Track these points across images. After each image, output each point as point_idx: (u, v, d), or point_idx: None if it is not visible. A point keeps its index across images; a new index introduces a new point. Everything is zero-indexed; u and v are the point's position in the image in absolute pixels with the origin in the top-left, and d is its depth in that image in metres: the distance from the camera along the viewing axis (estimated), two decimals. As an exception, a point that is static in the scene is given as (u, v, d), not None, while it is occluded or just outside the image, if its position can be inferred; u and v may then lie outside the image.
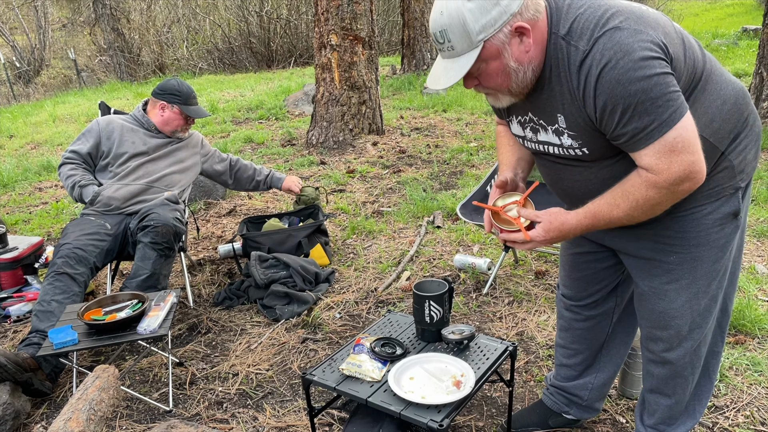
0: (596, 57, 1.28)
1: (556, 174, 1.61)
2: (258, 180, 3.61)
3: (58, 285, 2.68)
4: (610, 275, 1.82)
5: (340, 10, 5.62)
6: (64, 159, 3.10)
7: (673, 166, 1.30)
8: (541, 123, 1.49)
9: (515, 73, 1.38)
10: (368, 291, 3.20)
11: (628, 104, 1.27)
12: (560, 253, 1.92)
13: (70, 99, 12.18)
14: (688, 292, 1.59)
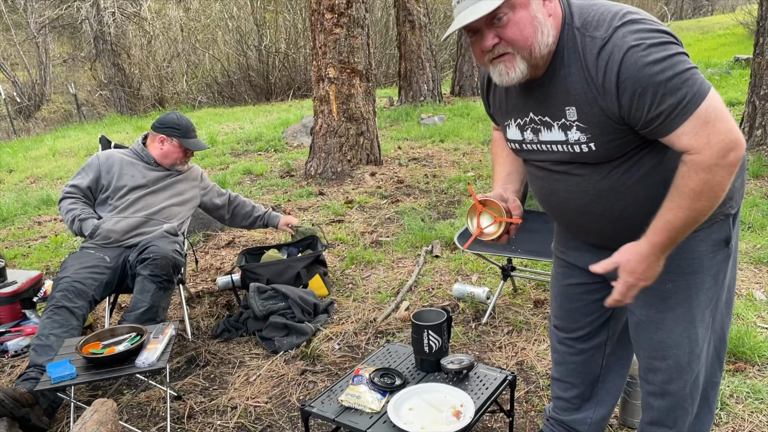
0: (617, 43, 1.30)
1: (550, 186, 1.58)
2: (255, 216, 3.64)
3: (56, 319, 2.67)
4: (601, 307, 1.79)
5: (338, 44, 5.71)
6: (64, 193, 3.13)
7: (713, 137, 1.29)
8: (545, 120, 1.48)
9: (541, 29, 1.36)
10: (367, 321, 3.20)
11: (658, 83, 1.27)
12: (552, 284, 1.90)
13: (70, 133, 12.28)
14: (685, 320, 1.59)
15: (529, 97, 1.50)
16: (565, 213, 1.61)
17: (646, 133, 1.37)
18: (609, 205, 1.50)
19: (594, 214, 1.54)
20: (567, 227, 1.68)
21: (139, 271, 2.88)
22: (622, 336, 1.88)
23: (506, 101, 1.60)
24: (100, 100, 17.53)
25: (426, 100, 10.32)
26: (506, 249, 3.11)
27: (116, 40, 16.63)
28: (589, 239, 1.66)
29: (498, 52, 1.39)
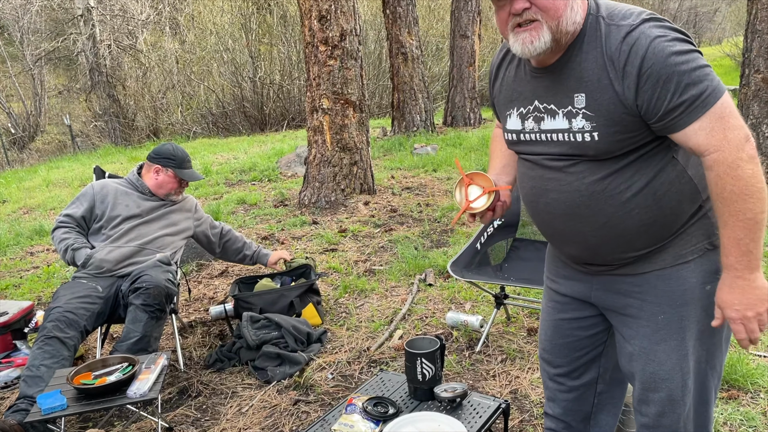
0: (644, 31, 1.33)
1: (541, 185, 1.57)
2: (245, 254, 3.65)
3: (47, 349, 2.66)
4: (592, 344, 1.78)
5: (332, 75, 5.79)
6: (58, 223, 3.14)
7: (729, 133, 1.31)
8: (550, 108, 1.48)
9: (571, 3, 1.38)
10: (360, 350, 3.19)
11: (682, 72, 1.30)
12: (542, 317, 1.87)
13: (64, 164, 12.31)
14: (678, 353, 1.57)
15: (537, 85, 1.51)
16: (552, 218, 1.59)
17: (660, 127, 1.37)
18: (598, 209, 1.48)
19: (581, 218, 1.52)
20: (551, 236, 1.65)
21: (131, 301, 2.88)
22: (614, 374, 1.85)
23: (513, 89, 1.60)
24: (95, 131, 17.61)
25: (419, 131, 10.41)
26: (499, 277, 3.12)
27: (112, 72, 16.78)
28: (573, 250, 1.63)
29: (526, 17, 1.38)
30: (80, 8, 16.19)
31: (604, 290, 1.65)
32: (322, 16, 5.67)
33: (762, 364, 2.79)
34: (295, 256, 4.04)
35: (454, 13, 11.37)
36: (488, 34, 18.84)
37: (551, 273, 1.82)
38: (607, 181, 1.45)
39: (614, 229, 1.49)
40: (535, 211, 1.64)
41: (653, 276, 1.54)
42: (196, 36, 16.96)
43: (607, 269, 1.61)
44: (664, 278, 1.54)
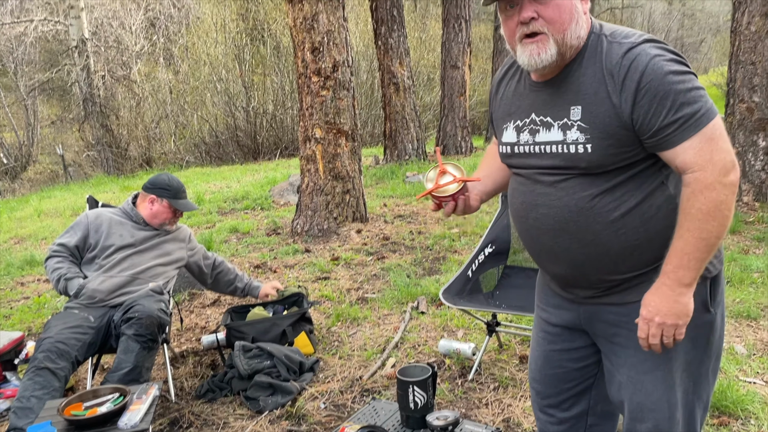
0: (644, 49, 1.39)
1: (531, 200, 1.59)
2: (237, 286, 3.65)
3: (38, 380, 2.64)
4: (582, 376, 1.78)
5: (324, 105, 5.86)
6: (51, 252, 3.14)
7: (715, 155, 1.35)
8: (546, 121, 1.52)
9: (576, 19, 1.45)
10: (353, 379, 3.18)
11: (678, 91, 1.35)
12: (532, 347, 1.87)
13: (56, 193, 12.29)
14: (665, 384, 1.58)
15: (535, 98, 1.56)
16: (540, 233, 1.61)
17: (652, 143, 1.41)
18: (586, 226, 1.51)
19: (569, 234, 1.54)
20: (539, 253, 1.66)
21: (123, 331, 2.87)
22: (605, 407, 1.84)
23: (511, 102, 1.65)
24: (87, 160, 17.63)
25: (411, 159, 10.50)
26: (490, 304, 3.14)
27: (105, 102, 16.86)
28: (559, 269, 1.64)
29: (533, 29, 1.44)
30: (75, 40, 16.35)
31: (592, 319, 1.66)
32: (315, 47, 5.76)
33: (752, 390, 2.81)
34: (288, 285, 4.04)
35: (445, 44, 11.56)
36: (478, 64, 19.14)
37: (541, 302, 1.83)
38: (597, 199, 1.48)
39: (600, 248, 1.51)
40: (524, 226, 1.65)
41: (640, 306, 1.55)
42: (190, 66, 17.12)
43: (593, 295, 1.62)
44: None
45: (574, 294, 1.68)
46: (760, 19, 5.93)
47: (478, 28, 23.53)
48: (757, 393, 2.79)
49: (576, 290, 1.66)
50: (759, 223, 5.52)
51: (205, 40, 16.57)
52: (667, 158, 1.43)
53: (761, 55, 5.98)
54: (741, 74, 6.13)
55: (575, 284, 1.64)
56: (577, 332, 1.74)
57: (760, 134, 6.07)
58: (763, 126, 6.06)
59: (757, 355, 3.18)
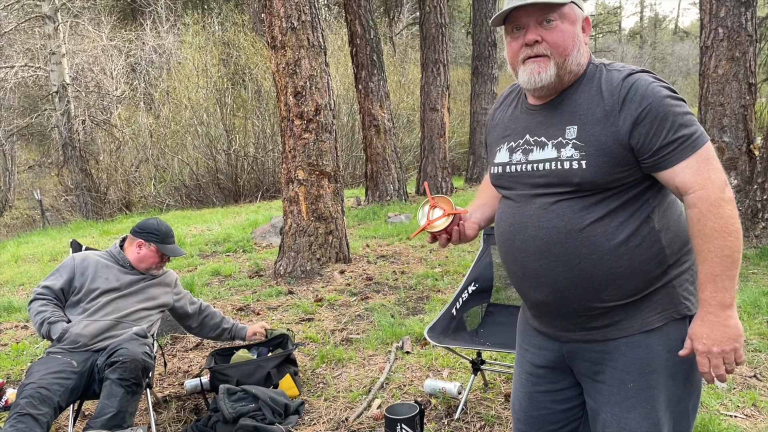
0: (643, 76, 1.50)
1: (520, 221, 1.63)
2: (224, 327, 3.64)
3: (20, 427, 2.60)
4: (567, 418, 1.79)
5: (307, 147, 5.95)
6: (36, 294, 3.12)
7: (713, 174, 1.45)
8: (540, 141, 1.59)
9: (578, 47, 1.55)
10: (339, 421, 3.16)
11: (676, 114, 1.46)
12: (515, 389, 1.87)
13: (33, 239, 12.13)
14: (648, 422, 1.59)
15: (531, 120, 1.64)
16: (526, 256, 1.62)
17: (651, 163, 1.48)
18: (573, 249, 1.54)
19: (555, 257, 1.57)
20: (522, 277, 1.67)
21: (107, 375, 2.84)
22: None
23: (506, 125, 1.72)
24: (66, 205, 17.49)
25: (392, 200, 10.60)
26: (475, 342, 3.17)
27: (85, 147, 16.83)
28: (541, 294, 1.65)
29: (536, 52, 1.54)
30: (56, 85, 16.41)
31: (574, 358, 1.69)
32: (298, 92, 5.87)
33: (733, 424, 2.85)
34: (273, 327, 4.03)
35: (424, 87, 11.82)
36: (457, 107, 19.51)
37: (524, 342, 1.84)
38: (587, 224, 1.52)
39: (585, 272, 1.54)
40: (510, 249, 1.67)
41: (622, 343, 1.59)
42: (171, 110, 17.22)
43: (573, 328, 1.64)
44: (633, 345, 1.58)
45: (554, 327, 1.69)
46: (726, 63, 6.19)
47: (456, 71, 24.09)
48: (738, 426, 2.83)
49: (556, 322, 1.67)
50: (734, 259, 5.64)
51: (187, 85, 16.72)
52: (666, 178, 1.50)
53: (729, 97, 6.21)
54: (711, 115, 6.35)
55: (556, 314, 1.65)
56: (561, 373, 1.75)
57: (732, 173, 6.26)
58: (734, 165, 6.26)
59: (737, 389, 3.23)
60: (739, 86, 6.16)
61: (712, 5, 6.20)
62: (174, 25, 20.66)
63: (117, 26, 20.39)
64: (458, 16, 31.56)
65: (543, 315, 1.71)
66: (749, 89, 6.18)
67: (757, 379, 3.35)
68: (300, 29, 5.78)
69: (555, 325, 1.69)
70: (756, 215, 6.02)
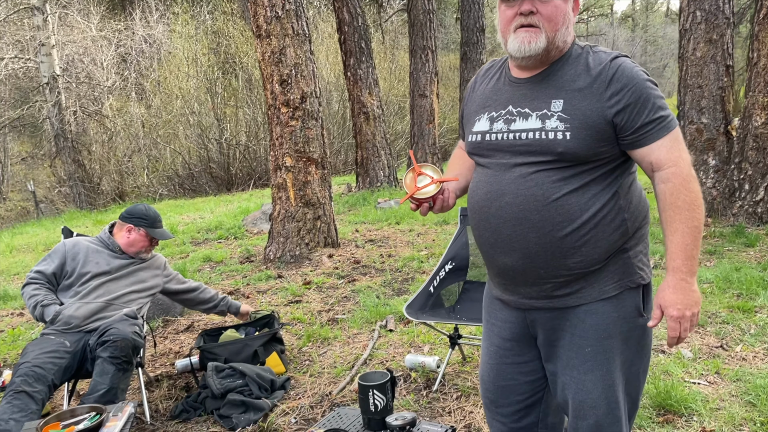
0: (627, 61, 1.64)
1: (498, 188, 1.70)
2: (216, 303, 3.78)
3: (16, 404, 2.73)
4: (532, 389, 1.90)
5: (294, 135, 6.06)
6: (29, 279, 3.24)
7: (683, 153, 1.61)
8: (524, 112, 1.68)
9: (566, 24, 1.66)
10: (323, 395, 3.31)
11: (655, 97, 1.61)
12: (483, 360, 1.98)
13: (28, 229, 12.23)
14: (603, 383, 1.72)
15: (514, 92, 1.73)
16: (501, 222, 1.71)
17: (631, 140, 1.62)
18: (547, 217, 1.64)
19: (530, 224, 1.66)
20: (494, 243, 1.76)
21: (98, 354, 2.98)
22: (554, 418, 1.97)
23: (487, 96, 1.81)
24: (59, 196, 17.56)
25: (382, 186, 10.72)
26: (452, 317, 3.31)
27: (77, 138, 16.87)
28: (511, 259, 1.73)
29: (530, 21, 1.63)
30: (46, 76, 16.41)
31: (536, 327, 1.82)
32: (283, 80, 5.97)
33: (695, 390, 3.01)
34: (259, 309, 4.17)
35: (413, 74, 11.91)
36: (447, 92, 19.60)
37: (491, 316, 1.96)
38: (563, 193, 1.64)
39: (555, 239, 1.65)
40: (484, 216, 1.75)
41: (581, 310, 1.73)
42: (162, 100, 17.26)
43: (536, 295, 1.75)
44: (590, 313, 1.72)
45: (518, 294, 1.79)
46: (704, 46, 6.31)
47: (447, 57, 24.15)
48: (700, 392, 2.99)
49: (521, 288, 1.77)
50: (711, 238, 5.80)
51: (177, 74, 16.76)
52: (642, 155, 1.64)
53: (707, 79, 6.34)
54: (690, 97, 6.48)
55: (522, 280, 1.75)
56: (527, 346, 1.88)
57: (710, 153, 6.41)
58: (712, 146, 6.40)
59: (703, 359, 3.39)
60: (717, 68, 6.28)
61: (691, -12, 6.31)
62: (164, 14, 20.61)
63: (106, 16, 20.34)
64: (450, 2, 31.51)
65: (509, 282, 1.80)
66: (727, 71, 6.31)
67: (723, 348, 3.51)
68: (284, 18, 5.87)
69: (520, 292, 1.79)
70: (733, 194, 6.18)
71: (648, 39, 42.85)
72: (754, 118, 5.97)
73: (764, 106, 5.91)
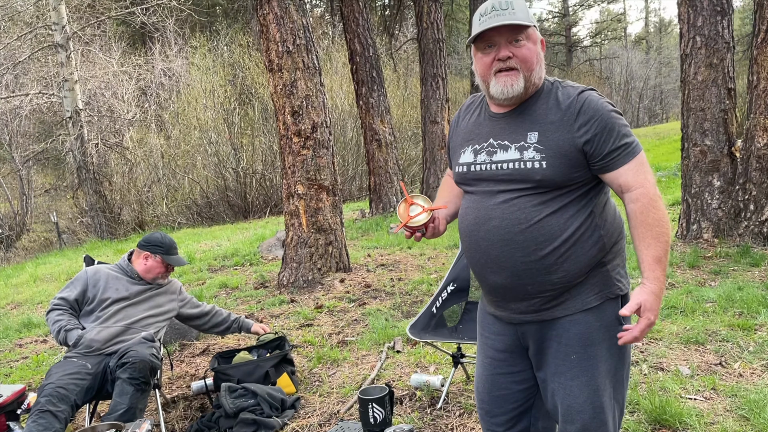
0: (593, 94, 1.81)
1: (484, 214, 1.87)
2: (229, 324, 3.96)
3: (41, 422, 2.91)
4: (524, 397, 2.04)
5: (305, 163, 6.27)
6: (53, 305, 3.45)
7: (648, 176, 1.78)
8: (504, 144, 1.86)
9: (539, 62, 1.83)
10: (331, 413, 3.44)
11: (620, 125, 1.78)
12: (479, 372, 2.12)
13: (51, 259, 12.55)
14: (589, 388, 1.86)
15: (494, 126, 1.91)
16: (489, 244, 1.86)
17: (600, 166, 1.79)
18: (531, 238, 1.80)
19: (515, 245, 1.81)
20: (484, 264, 1.92)
21: (118, 375, 3.15)
22: (544, 423, 2.10)
23: (470, 130, 1.99)
24: (81, 226, 17.97)
25: (395, 212, 10.88)
26: (454, 337, 3.44)
27: (98, 169, 17.31)
28: (500, 278, 1.88)
29: (509, 65, 1.81)
30: (69, 111, 16.93)
31: (527, 338, 1.96)
32: (295, 111, 6.21)
33: (691, 405, 3.09)
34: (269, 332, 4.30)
35: (424, 101, 12.14)
36: (460, 118, 19.77)
37: (484, 330, 2.11)
38: (543, 216, 1.80)
39: (539, 257, 1.81)
40: (474, 239, 1.91)
41: (566, 321, 1.88)
42: (181, 131, 17.69)
43: (526, 309, 1.90)
44: (575, 323, 1.87)
45: (509, 310, 1.95)
46: (705, 70, 6.44)
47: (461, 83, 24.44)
48: (696, 408, 3.07)
49: (512, 304, 1.93)
50: (717, 258, 5.87)
51: (195, 106, 17.19)
52: (611, 178, 1.81)
53: (709, 102, 6.46)
54: (693, 120, 6.60)
55: (512, 296, 1.91)
56: (519, 357, 2.02)
57: (714, 175, 6.50)
58: (716, 167, 6.49)
59: (701, 375, 3.47)
60: (719, 91, 6.40)
61: (690, 15, 6.46)
62: (182, 48, 21.20)
63: (127, 51, 20.98)
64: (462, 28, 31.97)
65: (500, 299, 1.97)
66: (729, 94, 6.43)
67: (721, 366, 3.59)
68: (295, 52, 6.13)
69: (510, 308, 1.94)
70: (738, 215, 6.25)
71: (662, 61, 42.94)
72: (756, 140, 6.07)
73: (766, 128, 6.01)
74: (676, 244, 6.49)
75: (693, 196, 6.58)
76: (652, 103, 43.03)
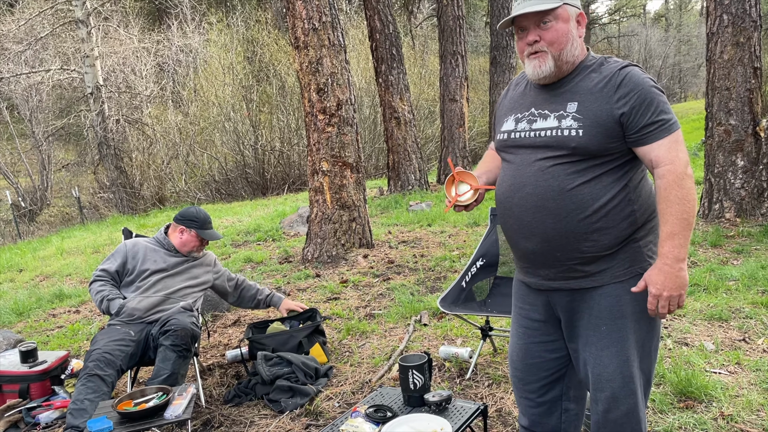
0: (635, 69, 1.86)
1: (520, 180, 1.94)
2: (259, 299, 4.08)
3: (90, 386, 3.05)
4: (556, 366, 2.12)
5: (330, 141, 6.35)
6: (95, 276, 3.58)
7: (680, 153, 1.81)
8: (544, 113, 1.93)
9: (572, 42, 1.89)
10: (363, 382, 3.57)
11: (658, 101, 1.82)
12: (512, 341, 2.21)
13: (75, 233, 12.79)
14: (619, 359, 1.94)
15: (537, 97, 1.99)
16: (523, 210, 1.94)
17: (635, 138, 1.84)
18: (563, 205, 1.86)
19: (548, 212, 1.88)
20: (517, 230, 2.00)
21: (161, 342, 3.29)
22: (576, 392, 2.19)
23: (515, 101, 2.08)
24: (102, 201, 18.23)
25: (414, 189, 10.96)
26: (483, 310, 3.54)
27: (119, 145, 17.50)
28: (532, 244, 1.96)
29: (536, 48, 1.88)
30: (90, 87, 17.08)
31: (560, 309, 2.05)
32: (320, 88, 6.27)
33: (715, 379, 3.18)
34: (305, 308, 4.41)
35: (443, 79, 12.12)
36: (477, 96, 19.74)
37: (518, 300, 2.20)
38: (576, 184, 1.87)
39: (570, 225, 1.88)
40: (508, 205, 1.99)
41: (596, 293, 1.95)
42: (199, 108, 17.80)
43: (556, 276, 1.98)
44: (605, 295, 1.95)
45: (539, 276, 2.03)
46: (731, 48, 6.40)
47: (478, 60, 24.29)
48: (720, 381, 3.16)
49: (541, 270, 2.01)
50: (739, 237, 5.90)
51: (213, 83, 17.28)
52: (644, 152, 1.86)
53: (735, 81, 6.43)
54: (717, 99, 6.58)
55: (542, 262, 1.99)
56: (552, 326, 2.11)
57: (738, 154, 6.49)
58: (740, 147, 6.48)
59: (725, 351, 3.55)
60: (744, 71, 6.37)
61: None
62: (199, 24, 21.23)
63: (145, 28, 21.05)
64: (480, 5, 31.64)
65: (530, 265, 2.05)
66: (754, 73, 6.39)
67: (745, 342, 3.66)
68: (321, 30, 6.17)
69: (539, 274, 2.03)
70: (762, 194, 6.26)
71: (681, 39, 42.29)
72: (782, 119, 6.05)
73: (792, 107, 5.99)
74: (698, 223, 6.52)
75: (716, 176, 6.58)
76: (670, 82, 42.44)
